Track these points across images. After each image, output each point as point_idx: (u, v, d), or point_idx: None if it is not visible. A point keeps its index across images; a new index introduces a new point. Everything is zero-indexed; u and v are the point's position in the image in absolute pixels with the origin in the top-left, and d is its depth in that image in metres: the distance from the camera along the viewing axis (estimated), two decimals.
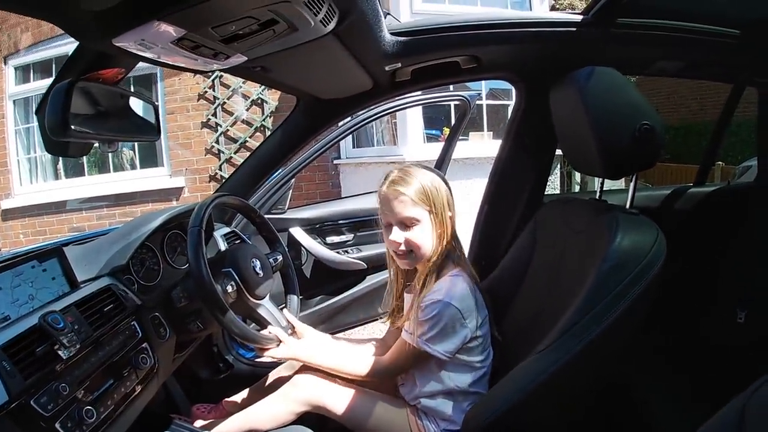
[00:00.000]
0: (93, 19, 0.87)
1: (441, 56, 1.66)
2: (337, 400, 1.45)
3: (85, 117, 1.07)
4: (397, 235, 1.40)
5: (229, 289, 1.43)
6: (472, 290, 1.40)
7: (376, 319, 2.75)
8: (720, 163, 7.00)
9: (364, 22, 1.21)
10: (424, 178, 1.41)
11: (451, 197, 1.47)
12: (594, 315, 1.10)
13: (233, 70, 1.37)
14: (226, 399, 1.73)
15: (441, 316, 1.34)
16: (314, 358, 1.50)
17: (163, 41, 0.96)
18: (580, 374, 1.18)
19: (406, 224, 1.40)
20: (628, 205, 1.35)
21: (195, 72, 1.24)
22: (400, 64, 1.61)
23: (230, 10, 0.90)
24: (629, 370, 1.80)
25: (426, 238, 1.40)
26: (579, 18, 1.59)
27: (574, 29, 1.59)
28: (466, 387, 1.41)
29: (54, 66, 5.70)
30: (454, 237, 1.47)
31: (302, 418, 1.46)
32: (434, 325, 1.34)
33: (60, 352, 1.04)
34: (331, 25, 1.09)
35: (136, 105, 1.29)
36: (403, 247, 1.41)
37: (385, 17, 1.36)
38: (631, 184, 1.38)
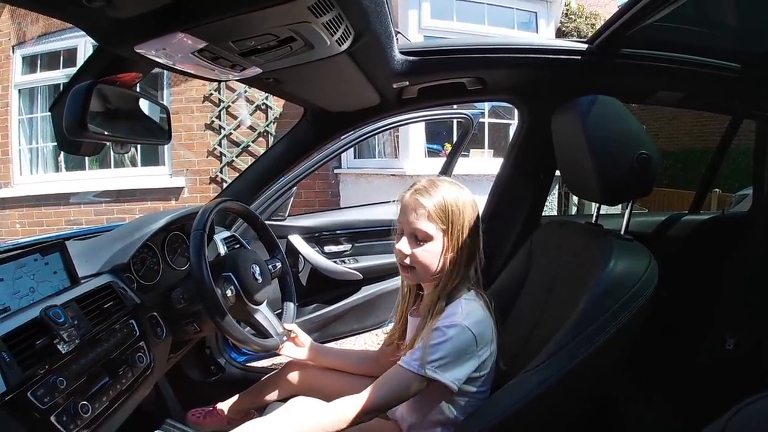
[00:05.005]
0: (118, 26, 0.89)
1: (448, 77, 1.69)
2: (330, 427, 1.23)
3: (101, 118, 1.09)
4: (405, 246, 1.29)
5: (229, 293, 1.45)
6: (488, 318, 1.29)
7: (370, 330, 2.77)
8: (717, 190, 7.01)
9: (378, 43, 1.23)
10: (449, 193, 1.28)
11: (477, 221, 1.33)
12: (584, 337, 1.12)
13: (246, 80, 1.40)
14: (219, 404, 1.72)
15: (455, 341, 1.20)
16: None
17: (184, 51, 0.99)
18: (569, 394, 1.20)
19: (417, 237, 1.28)
20: (622, 231, 1.38)
21: (209, 80, 1.27)
22: (407, 83, 1.64)
23: (252, 26, 0.93)
24: (619, 393, 1.82)
25: (434, 259, 1.28)
26: (584, 47, 1.62)
27: (579, 57, 1.62)
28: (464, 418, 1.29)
29: (61, 58, 5.70)
30: (474, 264, 1.33)
31: None
32: (447, 350, 1.20)
33: (59, 347, 1.04)
34: (346, 45, 1.11)
35: (147, 107, 1.31)
36: (407, 261, 1.30)
37: (395, 36, 1.39)
38: (627, 211, 1.40)
